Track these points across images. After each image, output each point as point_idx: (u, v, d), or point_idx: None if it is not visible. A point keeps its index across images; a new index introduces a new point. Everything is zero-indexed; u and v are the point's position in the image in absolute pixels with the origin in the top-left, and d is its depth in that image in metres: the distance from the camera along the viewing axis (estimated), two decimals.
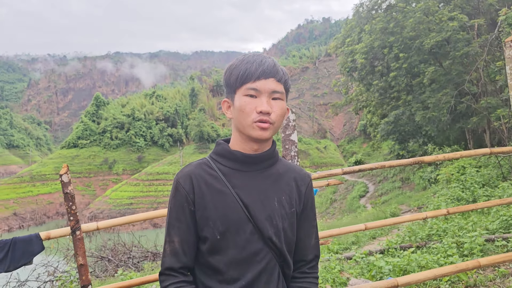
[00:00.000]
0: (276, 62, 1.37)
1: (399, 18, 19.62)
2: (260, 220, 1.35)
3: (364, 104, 26.56)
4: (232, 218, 1.33)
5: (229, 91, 1.38)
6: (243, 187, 1.37)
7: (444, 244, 5.22)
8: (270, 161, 1.43)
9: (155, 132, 79.46)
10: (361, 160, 35.70)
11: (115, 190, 60.87)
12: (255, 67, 1.32)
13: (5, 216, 57.51)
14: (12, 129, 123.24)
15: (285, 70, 1.40)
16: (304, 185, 1.47)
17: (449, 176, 11.96)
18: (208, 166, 1.41)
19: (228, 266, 1.34)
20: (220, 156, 1.41)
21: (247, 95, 1.32)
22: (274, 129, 1.35)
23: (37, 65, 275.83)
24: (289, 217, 1.41)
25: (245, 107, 1.32)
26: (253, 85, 1.31)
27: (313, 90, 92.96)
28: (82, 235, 2.27)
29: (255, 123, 1.31)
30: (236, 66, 1.35)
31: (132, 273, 6.29)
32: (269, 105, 1.32)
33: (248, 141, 1.37)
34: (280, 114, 1.35)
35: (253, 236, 1.34)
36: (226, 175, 1.38)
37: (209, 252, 1.35)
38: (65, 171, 2.19)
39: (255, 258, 1.34)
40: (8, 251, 2.19)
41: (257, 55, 1.37)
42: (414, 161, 3.09)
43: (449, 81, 17.76)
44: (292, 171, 1.48)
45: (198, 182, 1.37)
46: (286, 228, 1.40)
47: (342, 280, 4.57)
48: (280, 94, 1.35)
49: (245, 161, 1.39)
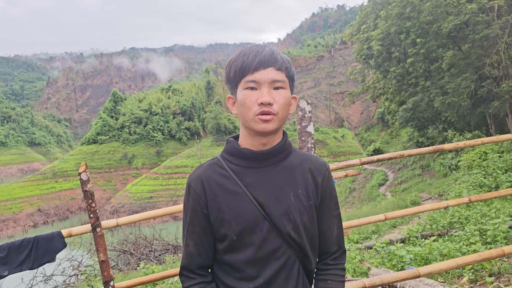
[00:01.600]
0: (275, 50, 1.31)
1: (415, 2, 19.19)
2: (276, 216, 1.32)
3: (381, 92, 26.18)
4: (247, 218, 1.31)
5: (231, 86, 1.34)
6: (257, 184, 1.33)
7: (467, 232, 5.13)
8: (282, 154, 1.38)
9: (173, 126, 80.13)
10: (380, 148, 35.29)
11: (135, 184, 61.79)
12: (252, 58, 1.27)
13: (30, 212, 59.02)
14: (33, 127, 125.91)
15: (287, 57, 1.34)
16: (320, 175, 1.41)
17: (470, 162, 11.73)
18: (219, 166, 1.37)
19: (246, 264, 1.32)
20: (231, 154, 1.38)
21: (247, 88, 1.28)
22: (279, 120, 1.29)
23: (55, 63, 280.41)
24: (307, 210, 1.36)
25: (245, 100, 1.28)
26: (251, 77, 1.27)
27: (329, 79, 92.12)
28: (103, 232, 2.30)
29: (257, 116, 1.27)
30: (234, 60, 1.31)
31: (154, 266, 6.38)
32: (270, 96, 1.26)
33: (255, 135, 1.32)
34: (284, 104, 1.29)
35: (271, 234, 1.31)
36: (238, 174, 1.34)
37: (226, 251, 1.34)
38: (84, 169, 2.21)
39: (274, 256, 1.32)
40: (31, 249, 2.24)
41: (254, 46, 1.32)
42: (434, 149, 3.03)
43: (468, 65, 17.35)
44: (307, 162, 1.42)
45: (209, 184, 1.34)
46: (306, 222, 1.36)
47: (362, 270, 4.54)
48: (282, 82, 1.29)
49: (255, 158, 1.35)
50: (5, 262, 2.19)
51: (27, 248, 2.23)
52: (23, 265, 2.24)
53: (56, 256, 2.30)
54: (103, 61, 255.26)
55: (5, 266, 2.19)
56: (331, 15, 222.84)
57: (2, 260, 2.18)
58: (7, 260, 2.19)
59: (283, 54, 1.33)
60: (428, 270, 2.87)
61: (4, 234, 52.84)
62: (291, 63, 1.34)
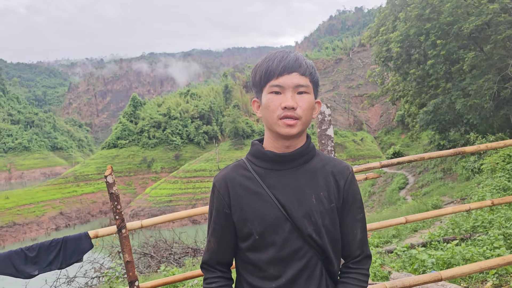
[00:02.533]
0: (299, 56, 1.35)
1: (435, 3, 18.95)
2: (297, 218, 1.34)
3: (401, 94, 25.87)
4: (269, 218, 1.34)
5: (257, 90, 1.39)
6: (279, 186, 1.37)
7: (490, 236, 5.04)
8: (305, 157, 1.41)
9: (191, 130, 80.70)
10: (400, 151, 34.86)
11: (154, 188, 62.37)
12: (276, 64, 1.31)
13: (53, 215, 60.15)
14: (55, 132, 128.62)
15: (311, 63, 1.37)
16: (342, 178, 1.42)
17: (494, 165, 11.49)
18: (244, 168, 1.42)
19: (268, 264, 1.35)
20: (255, 157, 1.42)
21: (271, 92, 1.32)
22: (302, 124, 1.33)
23: (76, 69, 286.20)
24: (328, 213, 1.38)
25: (270, 104, 1.32)
26: (276, 82, 1.31)
27: (347, 82, 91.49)
28: (128, 233, 2.36)
29: (281, 120, 1.31)
30: (259, 65, 1.36)
31: (174, 268, 6.45)
32: (294, 100, 1.30)
33: (279, 138, 1.36)
34: (307, 108, 1.33)
35: (292, 235, 1.34)
36: (261, 176, 1.38)
37: (249, 250, 1.38)
38: (110, 173, 2.27)
39: (295, 256, 1.35)
40: (60, 250, 2.31)
41: (280, 52, 1.36)
42: (455, 151, 3.00)
43: (491, 66, 17.03)
44: (330, 165, 1.44)
45: (233, 185, 1.39)
46: (328, 225, 1.37)
47: (383, 274, 4.51)
48: (305, 87, 1.33)
49: (279, 161, 1.38)
50: (35, 262, 2.27)
51: (56, 249, 2.31)
52: (52, 265, 2.31)
53: (83, 257, 2.37)
54: (122, 67, 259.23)
55: (35, 266, 2.27)
56: (349, 17, 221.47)
57: (32, 260, 2.26)
58: (37, 260, 2.27)
59: (308, 60, 1.37)
60: (450, 273, 2.84)
61: (28, 237, 54.00)
62: (315, 68, 1.38)
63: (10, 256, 2.27)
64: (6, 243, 51.96)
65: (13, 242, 52.49)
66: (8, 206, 56.93)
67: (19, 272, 2.24)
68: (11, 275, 2.25)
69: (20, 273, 2.24)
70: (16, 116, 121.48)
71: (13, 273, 2.24)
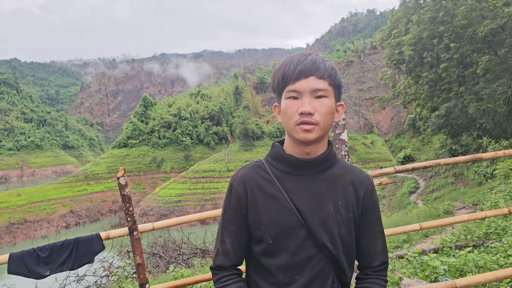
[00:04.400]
0: (317, 58, 1.30)
1: (449, 6, 18.78)
2: (313, 225, 1.32)
3: (412, 97, 25.67)
4: (284, 223, 1.32)
5: (277, 95, 1.37)
6: (297, 191, 1.34)
7: (504, 243, 4.96)
8: (325, 164, 1.37)
9: (201, 130, 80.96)
10: (411, 155, 34.57)
11: (163, 188, 62.65)
12: (293, 68, 1.28)
13: (63, 213, 60.75)
14: (67, 131, 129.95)
15: (331, 64, 1.32)
16: (362, 189, 1.39)
17: (507, 170, 11.33)
18: (262, 169, 1.39)
19: (280, 270, 1.33)
20: (274, 159, 1.39)
21: (289, 98, 1.29)
22: (321, 130, 1.29)
23: (89, 69, 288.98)
24: (345, 222, 1.36)
25: (287, 110, 1.29)
26: (292, 87, 1.28)
27: (358, 84, 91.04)
28: (139, 236, 2.35)
29: (298, 126, 1.28)
30: (277, 70, 1.33)
31: (183, 269, 6.44)
32: (311, 105, 1.26)
33: (298, 144, 1.33)
34: (326, 113, 1.28)
35: (306, 242, 1.31)
36: (279, 179, 1.36)
37: (261, 254, 1.36)
38: (122, 174, 2.27)
39: (308, 264, 1.32)
40: (72, 251, 2.32)
41: (297, 55, 1.32)
42: (472, 158, 2.95)
43: (505, 70, 16.82)
44: (351, 174, 1.41)
45: (251, 186, 1.36)
46: (343, 235, 1.35)
47: (394, 280, 4.45)
48: (324, 91, 1.28)
49: (299, 166, 1.35)
50: (47, 262, 2.27)
51: (68, 249, 2.31)
52: (64, 266, 2.31)
53: (94, 258, 2.37)
54: (134, 67, 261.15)
55: (47, 266, 2.27)
56: (361, 19, 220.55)
57: (44, 260, 2.27)
58: (49, 261, 2.28)
59: (328, 62, 1.32)
60: (465, 282, 2.79)
61: (38, 234, 54.60)
62: (336, 70, 1.33)
63: (22, 256, 2.28)
64: (17, 240, 52.59)
65: (24, 239, 53.10)
66: (20, 203, 57.62)
67: (31, 272, 2.25)
68: (23, 275, 2.26)
69: (32, 273, 2.25)
70: (29, 115, 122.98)
71: (25, 273, 2.25)
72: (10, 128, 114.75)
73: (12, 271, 2.27)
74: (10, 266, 2.28)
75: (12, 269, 2.27)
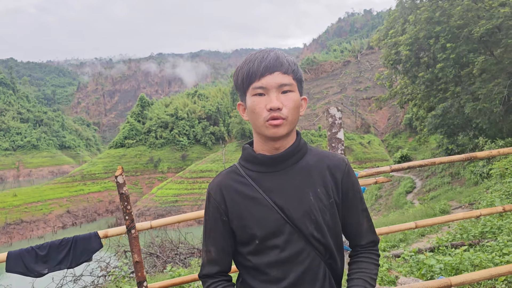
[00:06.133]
0: (279, 54, 1.31)
1: (445, 6, 18.85)
2: (297, 218, 1.32)
3: (409, 97, 25.74)
4: (269, 223, 1.32)
5: (241, 94, 1.36)
6: (275, 188, 1.35)
7: (499, 242, 4.99)
8: (296, 155, 1.38)
9: (198, 130, 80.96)
10: (407, 155, 34.67)
11: (160, 188, 62.60)
12: (257, 65, 1.28)
13: (60, 213, 60.61)
14: (64, 131, 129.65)
15: (293, 59, 1.33)
16: (339, 171, 1.39)
17: (503, 170, 11.39)
18: (237, 173, 1.40)
19: (271, 267, 1.34)
20: (247, 161, 1.40)
21: (255, 95, 1.29)
22: (289, 124, 1.30)
23: (86, 69, 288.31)
24: (328, 208, 1.36)
25: (255, 107, 1.29)
26: (259, 83, 1.27)
27: (355, 84, 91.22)
28: (137, 234, 2.36)
29: (267, 122, 1.28)
30: (240, 68, 1.33)
31: (180, 269, 6.45)
32: (279, 100, 1.27)
33: (267, 140, 1.33)
34: (293, 107, 1.29)
35: (293, 236, 1.32)
36: (255, 180, 1.36)
37: (250, 254, 1.37)
38: (120, 173, 2.28)
39: (298, 258, 1.33)
40: (70, 249, 2.32)
41: (260, 52, 1.32)
42: (466, 157, 2.97)
43: (501, 70, 16.89)
44: (325, 160, 1.41)
45: (228, 192, 1.37)
46: (328, 221, 1.36)
47: (390, 279, 4.48)
48: (289, 86, 1.29)
49: (271, 163, 1.36)
50: (45, 260, 2.28)
51: (66, 248, 2.32)
52: (62, 264, 2.32)
53: (92, 256, 2.38)
54: (131, 67, 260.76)
55: (45, 265, 2.28)
56: (358, 20, 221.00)
57: (42, 258, 2.27)
58: (47, 259, 2.28)
59: (289, 57, 1.33)
60: (460, 279, 2.81)
61: (35, 234, 54.44)
62: (297, 65, 1.34)
63: (20, 254, 2.28)
64: (13, 240, 52.43)
65: (20, 239, 52.94)
66: (16, 203, 57.46)
67: (29, 270, 2.26)
68: (21, 273, 2.27)
69: (30, 272, 2.26)
70: (26, 115, 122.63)
71: (23, 271, 2.26)
72: (7, 128, 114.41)
73: (10, 270, 2.28)
74: (9, 264, 2.29)
75: (10, 268, 2.28)
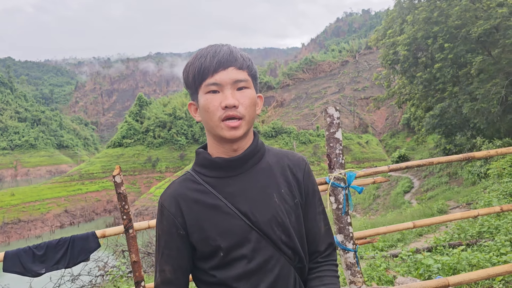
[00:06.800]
0: (233, 48, 1.22)
1: (443, 6, 18.88)
2: (263, 223, 1.23)
3: (407, 97, 25.79)
4: (233, 232, 1.22)
5: (192, 92, 1.25)
6: (236, 194, 1.24)
7: (497, 242, 5.01)
8: (256, 157, 1.29)
9: (196, 130, 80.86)
10: (405, 154, 34.73)
11: (158, 188, 62.51)
12: (210, 60, 1.18)
13: (57, 213, 60.48)
14: (61, 130, 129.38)
15: (247, 55, 1.25)
16: (300, 171, 1.32)
17: (500, 170, 11.42)
18: (193, 181, 1.28)
19: (238, 280, 1.22)
20: (203, 167, 1.29)
21: (209, 92, 1.19)
22: (247, 123, 1.21)
23: (84, 68, 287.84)
24: (293, 209, 1.28)
25: (208, 105, 1.19)
26: (212, 80, 1.18)
27: (353, 84, 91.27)
28: (135, 234, 2.36)
29: (223, 122, 1.18)
30: (191, 64, 1.22)
31: None
32: (234, 97, 1.17)
33: (224, 142, 1.24)
34: (249, 104, 1.20)
35: (260, 244, 1.23)
36: (214, 186, 1.25)
37: (214, 269, 1.24)
38: (118, 172, 2.28)
39: (267, 267, 1.23)
40: (67, 249, 2.32)
41: (211, 46, 1.22)
42: (464, 157, 2.98)
43: (499, 71, 16.93)
44: (285, 159, 1.34)
45: (185, 203, 1.25)
46: (294, 223, 1.28)
47: (388, 278, 4.49)
48: (245, 82, 1.20)
49: (229, 166, 1.26)
50: (43, 260, 2.28)
51: (64, 247, 2.31)
52: (60, 264, 2.32)
53: (90, 256, 2.38)
54: (129, 66, 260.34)
55: (43, 264, 2.28)
56: (356, 19, 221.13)
57: (40, 258, 2.27)
58: (45, 259, 2.28)
59: (243, 52, 1.25)
60: (457, 279, 2.82)
61: (32, 234, 54.32)
62: (252, 60, 1.26)
63: (18, 254, 2.28)
64: (11, 239, 52.31)
65: (18, 239, 52.82)
66: (14, 203, 57.32)
67: (26, 270, 2.25)
68: (18, 273, 2.26)
69: (27, 271, 2.25)
70: (23, 114, 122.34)
71: (20, 271, 2.25)
72: (4, 127, 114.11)
73: (8, 269, 2.27)
74: (6, 264, 2.29)
75: (7, 267, 2.27)
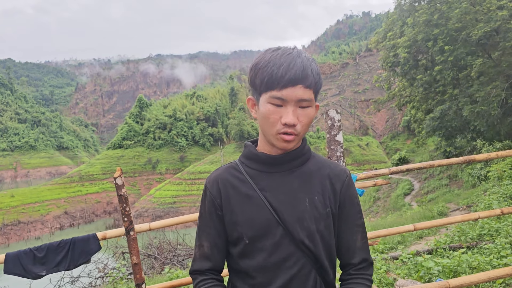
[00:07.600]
0: (306, 64, 1.22)
1: (443, 9, 18.89)
2: (289, 222, 1.27)
3: (407, 100, 25.78)
4: (260, 222, 1.28)
5: (254, 92, 1.29)
6: (272, 189, 1.30)
7: (497, 244, 5.00)
8: (299, 160, 1.34)
9: (196, 132, 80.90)
10: (405, 157, 34.74)
11: (158, 189, 62.53)
12: (282, 73, 1.18)
13: (57, 214, 60.44)
14: (61, 132, 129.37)
15: (317, 69, 1.25)
16: (339, 182, 1.35)
17: (500, 173, 11.41)
18: (236, 169, 1.37)
19: (258, 271, 1.29)
20: (248, 158, 1.37)
21: (271, 103, 1.22)
22: (299, 138, 1.27)
23: (84, 69, 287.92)
24: (323, 218, 1.31)
25: (269, 116, 1.22)
26: (278, 94, 1.20)
27: (353, 86, 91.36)
28: (136, 236, 2.36)
29: (279, 135, 1.23)
30: (261, 67, 1.23)
31: (178, 270, 6.44)
32: (295, 116, 1.21)
33: (273, 146, 1.30)
34: (307, 123, 1.25)
35: (284, 240, 1.27)
36: (253, 178, 1.33)
37: (239, 256, 1.32)
38: (119, 174, 2.28)
39: (285, 264, 1.27)
40: (68, 251, 2.32)
41: (286, 56, 1.21)
42: (465, 159, 2.98)
43: (499, 73, 16.93)
44: (327, 168, 1.37)
45: (225, 187, 1.33)
46: (322, 231, 1.30)
47: (388, 281, 4.48)
48: (308, 102, 1.22)
49: (271, 163, 1.32)
50: (43, 262, 2.27)
51: (64, 249, 2.31)
52: (60, 266, 2.31)
53: (90, 258, 2.38)
54: (129, 68, 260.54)
55: (43, 266, 2.27)
56: (357, 22, 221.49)
57: (40, 260, 2.27)
58: (45, 261, 2.28)
59: (314, 65, 1.26)
60: (458, 282, 2.82)
61: (32, 235, 54.28)
62: (320, 74, 1.28)
63: (18, 255, 2.28)
64: (10, 241, 52.25)
65: (18, 240, 52.77)
66: (14, 204, 57.29)
67: (27, 272, 2.25)
68: (19, 275, 2.26)
69: (28, 273, 2.25)
70: (23, 115, 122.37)
71: (21, 273, 2.25)
72: (4, 128, 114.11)
73: (8, 271, 2.27)
74: (6, 266, 2.28)
75: (8, 269, 2.27)
